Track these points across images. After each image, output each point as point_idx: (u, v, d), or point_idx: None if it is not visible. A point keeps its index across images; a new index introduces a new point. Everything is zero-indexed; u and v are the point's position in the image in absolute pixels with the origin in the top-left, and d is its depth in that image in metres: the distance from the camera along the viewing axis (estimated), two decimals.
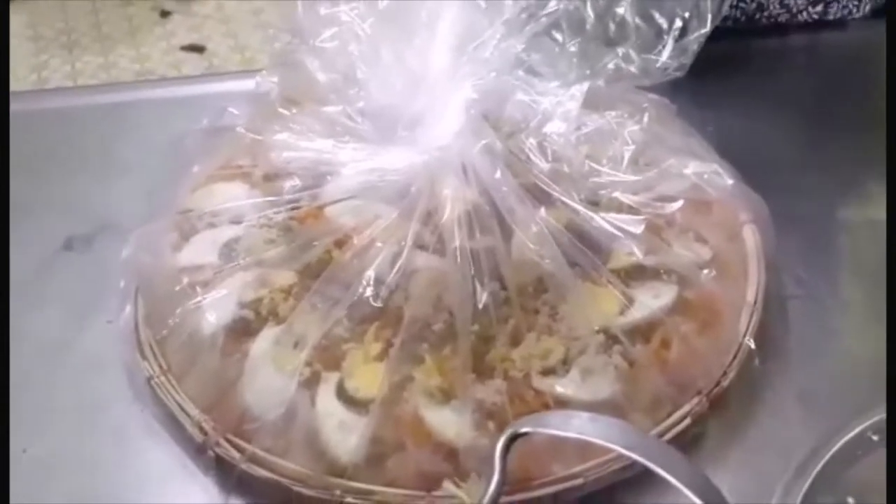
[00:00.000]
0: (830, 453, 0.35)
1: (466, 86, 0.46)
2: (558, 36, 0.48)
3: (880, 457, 0.35)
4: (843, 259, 0.55)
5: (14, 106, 0.70)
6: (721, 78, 0.63)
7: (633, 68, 0.52)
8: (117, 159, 0.65)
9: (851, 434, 0.36)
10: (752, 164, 0.54)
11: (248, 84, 0.56)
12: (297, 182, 0.50)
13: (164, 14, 2.32)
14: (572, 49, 0.48)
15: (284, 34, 0.55)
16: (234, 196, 0.53)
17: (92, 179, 0.63)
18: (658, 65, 0.52)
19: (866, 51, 0.69)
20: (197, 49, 2.21)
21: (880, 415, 0.36)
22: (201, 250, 0.51)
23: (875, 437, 0.36)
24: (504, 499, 0.40)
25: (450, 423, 0.43)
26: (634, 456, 0.31)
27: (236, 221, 0.51)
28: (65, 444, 0.48)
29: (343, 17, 0.45)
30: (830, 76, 0.68)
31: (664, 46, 0.52)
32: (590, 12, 0.48)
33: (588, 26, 0.48)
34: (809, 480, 0.34)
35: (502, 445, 0.34)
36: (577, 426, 0.33)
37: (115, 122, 0.68)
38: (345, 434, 0.43)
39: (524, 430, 0.34)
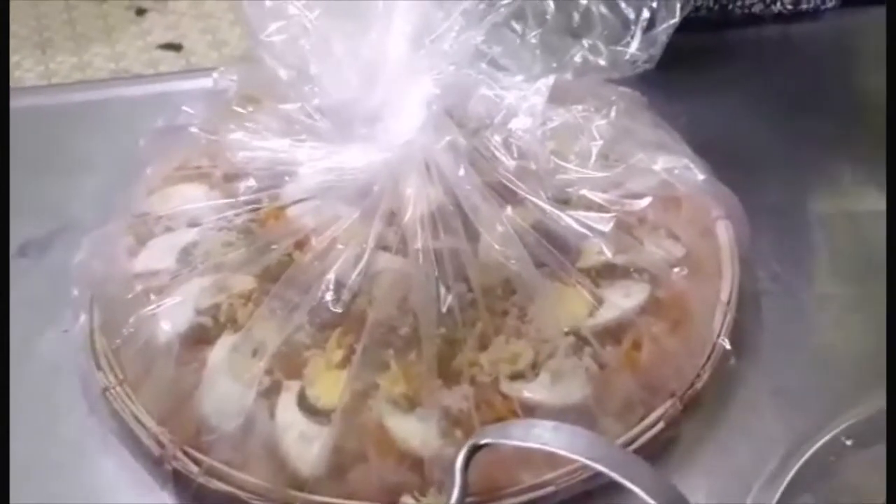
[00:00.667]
0: (803, 459, 0.34)
1: (426, 80, 0.44)
2: (518, 27, 0.46)
3: (853, 462, 0.34)
4: (819, 253, 0.54)
5: None
6: (694, 70, 0.62)
7: (601, 61, 0.50)
8: (83, 160, 0.63)
9: (825, 439, 0.35)
10: (725, 158, 0.53)
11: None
12: (253, 183, 0.48)
13: (140, 12, 2.30)
14: (533, 41, 0.46)
15: None
16: (192, 198, 0.51)
17: (54, 182, 0.61)
18: (626, 57, 0.51)
19: (840, 41, 0.68)
20: (174, 47, 2.19)
21: (853, 419, 0.35)
22: (158, 255, 0.49)
23: (848, 442, 0.35)
24: None
25: (415, 431, 0.41)
26: (598, 467, 0.30)
27: (195, 224, 0.50)
28: (19, 458, 0.46)
29: (290, 10, 0.44)
30: (805, 67, 0.66)
31: (632, 38, 0.51)
32: (550, 2, 0.46)
33: (549, 17, 0.46)
34: (781, 488, 0.33)
35: (463, 458, 0.33)
36: (538, 436, 0.32)
37: (86, 121, 0.66)
38: (305, 445, 0.41)
39: (485, 441, 0.33)
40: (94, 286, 0.49)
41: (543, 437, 0.32)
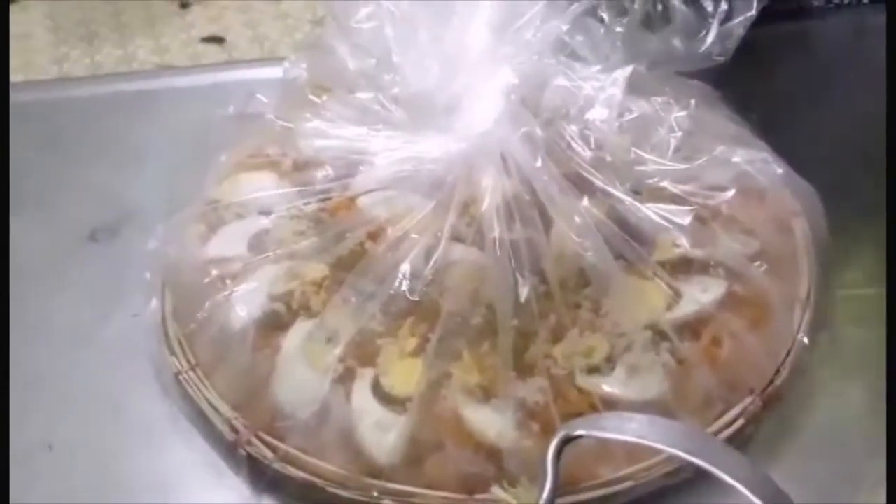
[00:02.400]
0: None
1: (506, 69, 0.44)
2: (604, 15, 0.46)
3: None
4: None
5: (36, 95, 0.70)
6: (765, 63, 0.61)
7: (676, 53, 0.50)
8: (139, 149, 0.63)
9: None
10: (797, 154, 0.51)
11: (268, 72, 0.55)
12: (328, 171, 0.48)
13: (184, 5, 2.31)
14: (618, 30, 0.45)
15: (304, 24, 0.53)
16: (262, 186, 0.51)
17: (114, 169, 0.62)
18: (702, 50, 0.50)
19: None
20: (216, 40, 2.20)
21: None
22: (230, 242, 0.49)
23: None
24: None
25: (491, 422, 0.41)
26: (700, 462, 0.29)
27: (265, 212, 0.50)
28: (90, 440, 0.47)
29: None
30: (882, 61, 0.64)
31: (708, 31, 0.50)
32: None
33: (634, 7, 0.46)
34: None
35: (554, 449, 0.32)
36: (635, 430, 0.31)
37: (135, 111, 0.67)
38: (381, 433, 0.41)
39: (578, 432, 0.32)
40: (167, 272, 0.49)
41: (640, 430, 0.31)
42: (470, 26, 0.43)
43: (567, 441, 0.32)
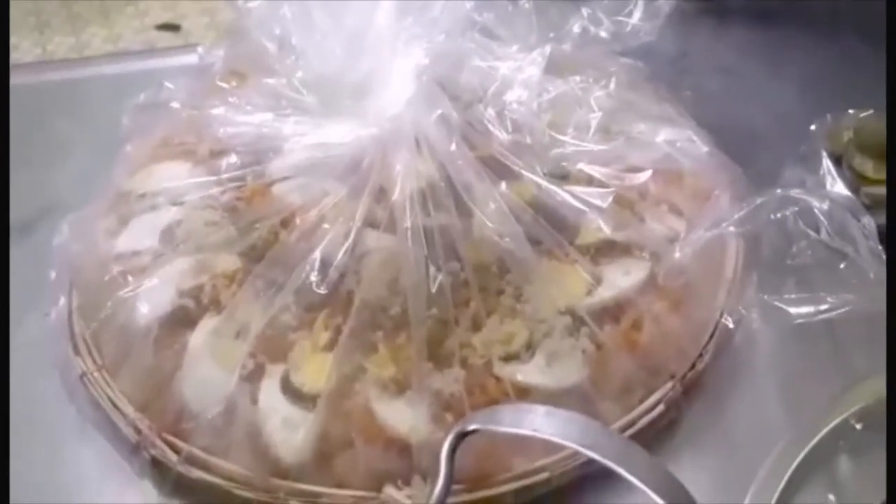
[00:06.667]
0: (809, 447, 0.32)
1: (415, 49, 0.42)
2: None
3: (863, 447, 0.32)
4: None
5: None
6: (699, 38, 0.60)
7: (601, 32, 0.49)
8: (62, 139, 0.61)
9: (834, 423, 0.33)
10: (730, 132, 0.51)
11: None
12: (236, 159, 0.46)
13: None
14: (526, 6, 0.44)
15: None
16: (175, 175, 0.49)
17: (36, 163, 0.59)
18: (628, 28, 0.49)
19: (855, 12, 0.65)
20: (172, 27, 2.16)
21: (864, 402, 0.33)
22: (140, 235, 0.47)
23: (858, 426, 0.33)
24: (462, 497, 0.37)
25: (404, 416, 0.39)
26: (594, 455, 0.28)
27: (178, 202, 0.48)
28: None
29: None
30: (821, 38, 0.63)
31: (634, 7, 0.49)
32: None
33: None
34: (785, 478, 0.31)
35: (449, 445, 0.31)
36: (531, 422, 0.30)
37: (64, 99, 0.64)
38: (289, 431, 0.39)
39: (472, 427, 0.31)
40: (72, 268, 0.47)
41: (535, 422, 0.30)
42: (371, 6, 0.42)
43: (463, 436, 0.31)
